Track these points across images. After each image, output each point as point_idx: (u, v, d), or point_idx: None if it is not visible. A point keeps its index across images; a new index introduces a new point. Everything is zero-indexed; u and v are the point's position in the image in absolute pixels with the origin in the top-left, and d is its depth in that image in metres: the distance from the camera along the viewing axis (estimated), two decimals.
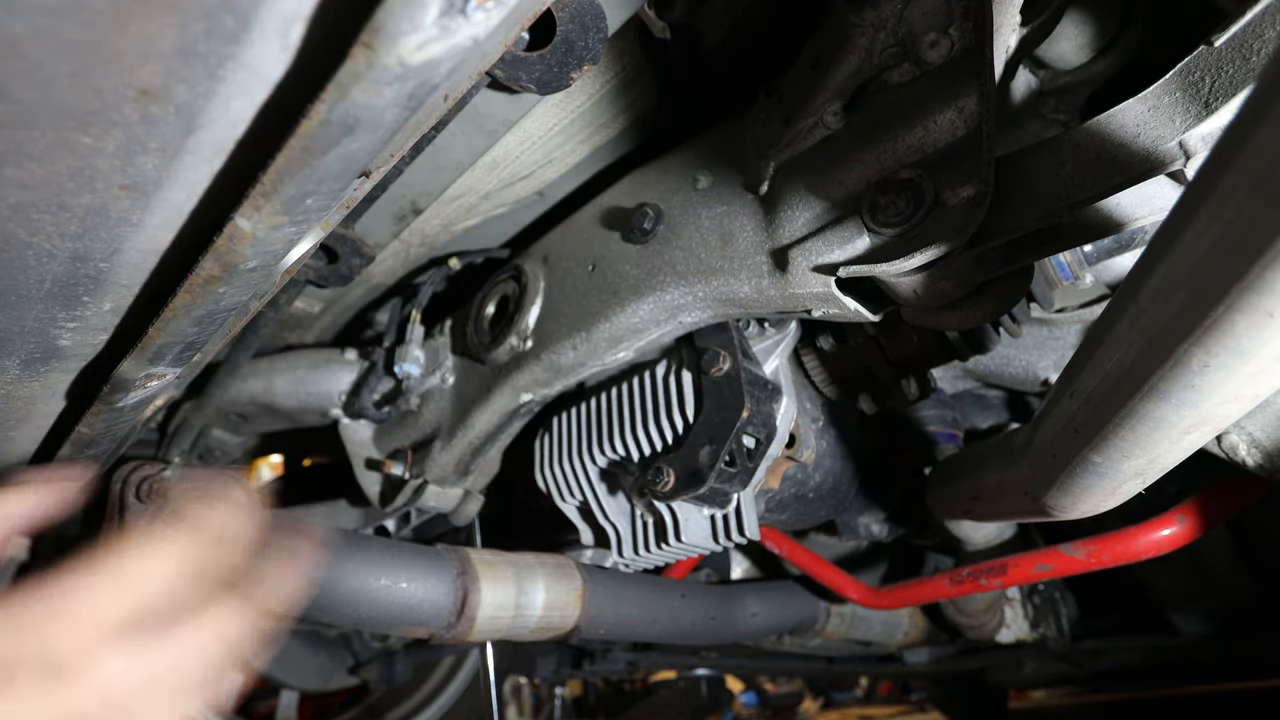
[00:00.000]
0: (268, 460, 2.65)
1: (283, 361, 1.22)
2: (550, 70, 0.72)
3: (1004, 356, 1.05)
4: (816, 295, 0.72)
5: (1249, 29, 0.52)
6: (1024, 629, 1.62)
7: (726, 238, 0.80)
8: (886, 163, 0.68)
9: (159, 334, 0.52)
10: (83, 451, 0.74)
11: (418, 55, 0.31)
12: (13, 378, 0.59)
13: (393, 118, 0.36)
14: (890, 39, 0.67)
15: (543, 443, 1.06)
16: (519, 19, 0.47)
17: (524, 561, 0.94)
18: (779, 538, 1.19)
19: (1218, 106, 0.53)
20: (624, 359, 0.92)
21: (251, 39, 0.33)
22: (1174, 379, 0.43)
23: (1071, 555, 0.97)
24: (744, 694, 5.01)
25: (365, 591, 0.80)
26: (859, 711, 5.22)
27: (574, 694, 4.47)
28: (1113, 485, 0.57)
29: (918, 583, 1.18)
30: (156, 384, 0.63)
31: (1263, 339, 0.37)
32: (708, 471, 0.81)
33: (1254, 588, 1.42)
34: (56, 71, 0.32)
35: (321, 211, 0.44)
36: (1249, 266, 0.35)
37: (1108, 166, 0.57)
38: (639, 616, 1.03)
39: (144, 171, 0.40)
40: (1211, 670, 2.19)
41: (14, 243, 0.43)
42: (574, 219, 1.00)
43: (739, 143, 0.83)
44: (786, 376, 0.94)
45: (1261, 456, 0.67)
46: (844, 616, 1.41)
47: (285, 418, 1.27)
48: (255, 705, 2.12)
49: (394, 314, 1.19)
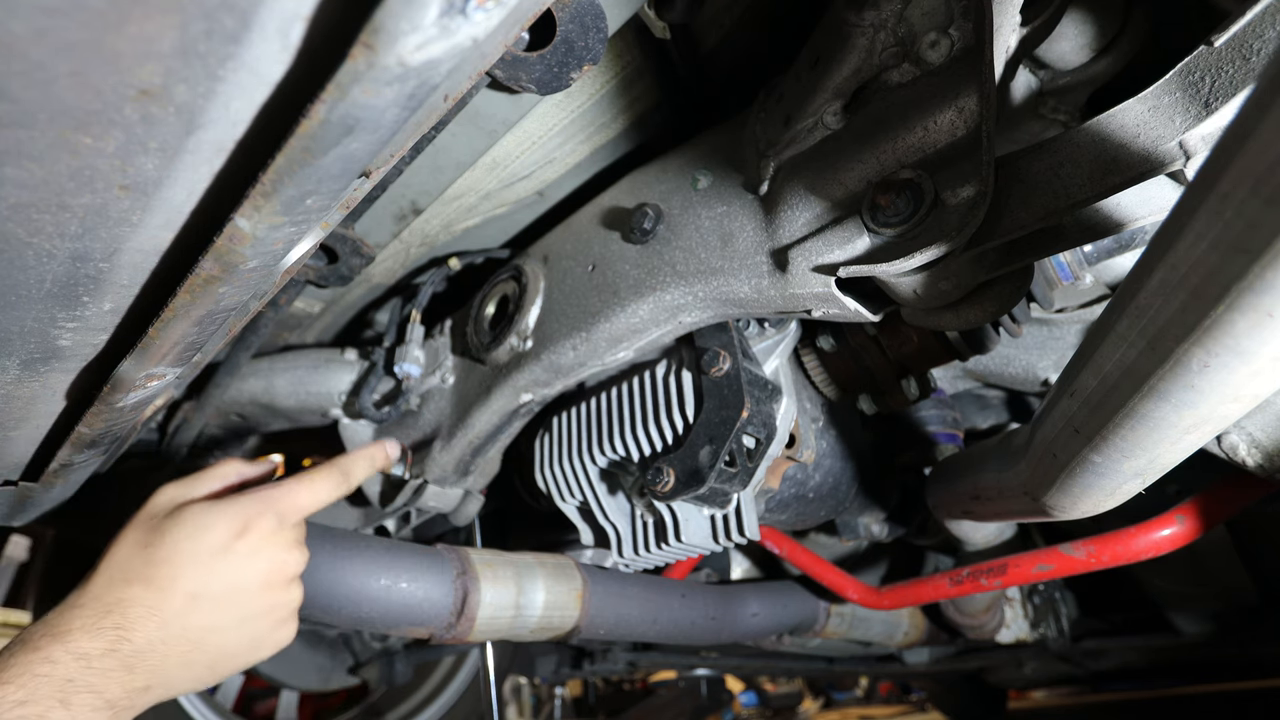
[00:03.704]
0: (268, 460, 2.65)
1: (283, 361, 1.22)
2: (550, 70, 0.72)
3: (1004, 356, 1.05)
4: (816, 295, 0.72)
5: (1249, 29, 0.52)
6: (1024, 629, 1.62)
7: (726, 238, 0.80)
8: (886, 163, 0.68)
9: (159, 334, 0.52)
10: (83, 451, 0.74)
11: (418, 55, 0.31)
12: (13, 378, 0.59)
13: (393, 118, 0.36)
14: (890, 39, 0.67)
15: (543, 443, 1.06)
16: (519, 19, 0.47)
17: (524, 561, 0.94)
18: (779, 538, 1.19)
19: (1218, 106, 0.53)
20: (624, 359, 0.92)
21: (251, 39, 0.33)
22: (1174, 379, 0.43)
23: (1071, 555, 0.97)
24: (744, 694, 5.02)
25: (365, 591, 0.80)
26: (859, 711, 5.23)
27: (574, 694, 4.47)
28: (1113, 485, 0.57)
29: (918, 583, 1.18)
30: (156, 384, 0.63)
31: (1263, 339, 0.37)
32: (708, 471, 0.81)
33: (1254, 588, 1.43)
34: (56, 71, 0.32)
35: (321, 211, 0.44)
36: (1249, 266, 0.35)
37: (1108, 166, 0.57)
38: (639, 616, 1.03)
39: (144, 171, 0.40)
40: (1211, 670, 2.19)
41: (14, 243, 0.43)
42: (574, 219, 1.00)
43: (739, 143, 0.83)
44: (786, 376, 0.94)
45: (1261, 456, 0.67)
46: (844, 616, 1.41)
47: (285, 418, 1.27)
48: (255, 705, 2.12)
49: (394, 314, 1.19)
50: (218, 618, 0.58)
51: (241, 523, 0.60)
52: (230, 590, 0.58)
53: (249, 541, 0.59)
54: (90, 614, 0.53)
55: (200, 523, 0.59)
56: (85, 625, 0.52)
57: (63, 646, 0.51)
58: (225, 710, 1.68)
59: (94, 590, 0.55)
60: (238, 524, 0.59)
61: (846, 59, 0.69)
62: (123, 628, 0.53)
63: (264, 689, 2.01)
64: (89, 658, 0.51)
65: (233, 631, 0.59)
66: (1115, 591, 1.67)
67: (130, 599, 0.55)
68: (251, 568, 0.59)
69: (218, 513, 0.59)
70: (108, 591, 0.55)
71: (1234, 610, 1.50)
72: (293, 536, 0.64)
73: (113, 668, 0.52)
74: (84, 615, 0.53)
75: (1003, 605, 1.54)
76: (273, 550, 0.61)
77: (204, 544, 0.58)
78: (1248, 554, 1.39)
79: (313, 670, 1.85)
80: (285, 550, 0.62)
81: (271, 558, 0.61)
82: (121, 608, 0.54)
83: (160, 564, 0.56)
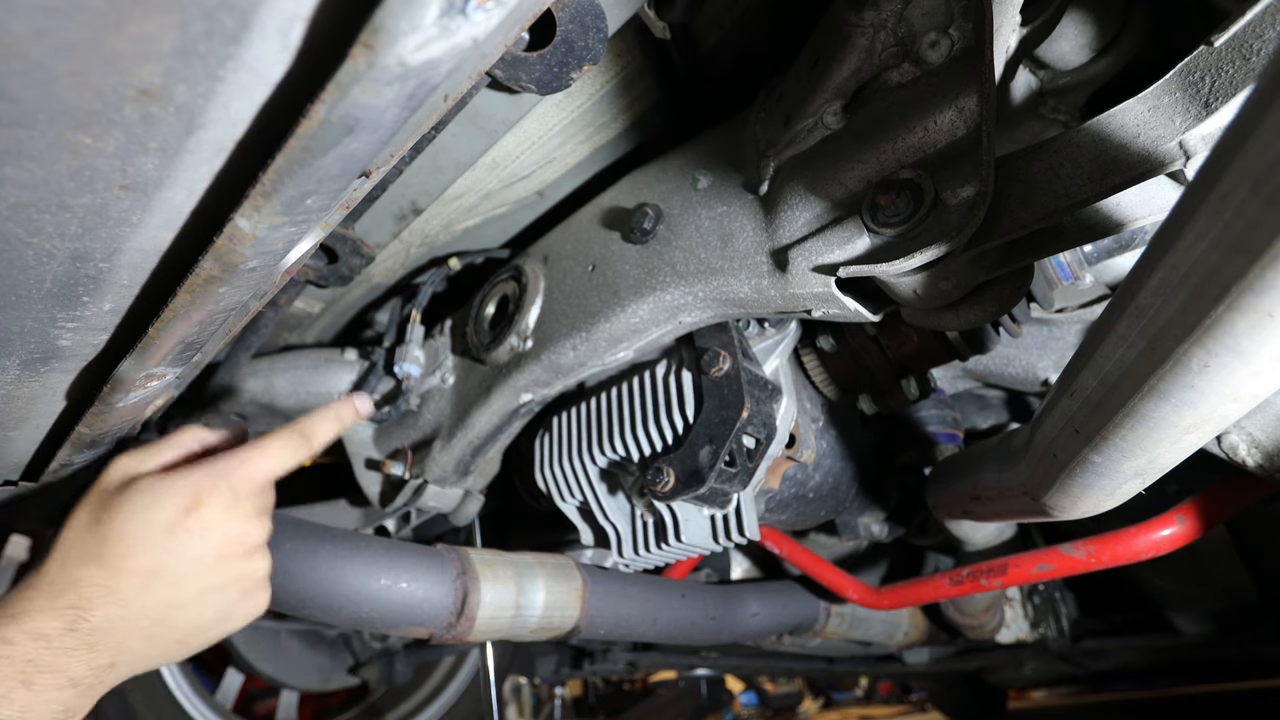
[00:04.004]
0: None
1: (283, 361, 1.22)
2: (550, 70, 0.72)
3: (1004, 356, 1.05)
4: (816, 295, 0.72)
5: (1249, 29, 0.52)
6: (1024, 629, 1.62)
7: (726, 238, 0.80)
8: (886, 163, 0.68)
9: (159, 334, 0.52)
10: (83, 451, 0.74)
11: (418, 55, 0.31)
12: (13, 378, 0.59)
13: (393, 118, 0.36)
14: (890, 39, 0.67)
15: (543, 443, 1.06)
16: (519, 19, 0.47)
17: (524, 561, 0.94)
18: (779, 538, 1.19)
19: (1218, 106, 0.53)
20: (624, 359, 0.92)
21: (251, 39, 0.33)
22: (1174, 379, 0.43)
23: (1071, 555, 0.97)
24: (744, 694, 5.02)
25: (365, 591, 0.80)
26: (859, 711, 5.23)
27: (574, 694, 4.47)
28: (1113, 485, 0.57)
29: (918, 583, 1.18)
30: (156, 384, 0.63)
31: (1263, 339, 0.37)
32: (708, 471, 0.81)
33: (1254, 588, 1.43)
34: (56, 71, 0.32)
35: (321, 211, 0.44)
36: (1249, 266, 0.35)
37: (1108, 166, 0.57)
38: (639, 616, 1.03)
39: (144, 171, 0.40)
40: (1211, 670, 2.19)
41: (14, 243, 0.43)
42: (574, 219, 1.00)
43: (739, 143, 0.83)
44: (786, 376, 0.94)
45: (1261, 456, 0.67)
46: (844, 616, 1.41)
47: (285, 418, 1.27)
48: (255, 705, 2.12)
49: (394, 314, 1.19)
50: (177, 594, 0.56)
51: (191, 496, 0.57)
52: (186, 567, 0.56)
53: (201, 517, 0.57)
54: (46, 595, 0.53)
55: (149, 498, 0.57)
56: (42, 606, 0.52)
57: (18, 627, 0.50)
58: (225, 710, 1.68)
59: (49, 572, 0.55)
60: (187, 498, 0.57)
61: (846, 59, 0.69)
62: (79, 607, 0.53)
63: (264, 689, 2.01)
64: (48, 638, 0.51)
65: (195, 606, 0.58)
66: (1115, 591, 1.67)
67: (85, 579, 0.54)
68: (204, 544, 0.57)
69: (165, 486, 0.57)
70: (62, 572, 0.54)
71: (1234, 610, 1.50)
72: (250, 508, 0.61)
73: (74, 646, 0.52)
74: (40, 597, 0.53)
75: (1003, 605, 1.54)
76: (228, 524, 0.59)
77: (154, 521, 0.56)
78: (1248, 554, 1.39)
79: (313, 670, 1.85)
80: (243, 522, 0.60)
81: (227, 531, 0.58)
82: (77, 588, 0.53)
83: (111, 542, 0.55)
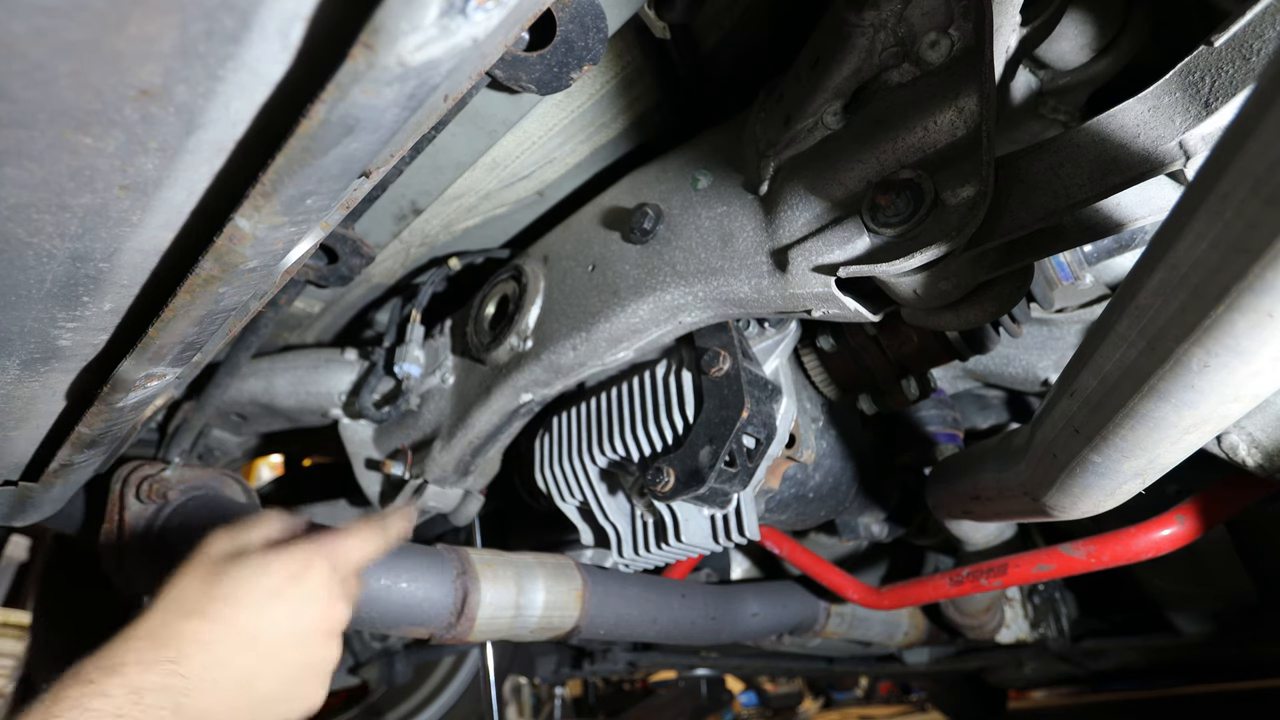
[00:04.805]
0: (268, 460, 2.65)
1: (283, 361, 1.22)
2: (550, 70, 0.72)
3: (1004, 356, 1.05)
4: (816, 295, 0.72)
5: (1249, 29, 0.52)
6: (1024, 629, 1.62)
7: (726, 238, 0.80)
8: (886, 163, 0.68)
9: (159, 334, 0.52)
10: (83, 451, 0.74)
11: (418, 55, 0.31)
12: (13, 378, 0.59)
13: (393, 118, 0.36)
14: (890, 39, 0.67)
15: (543, 443, 1.06)
16: (519, 19, 0.47)
17: (524, 561, 0.94)
18: (779, 538, 1.19)
19: (1218, 106, 0.53)
20: (624, 359, 0.92)
21: (251, 39, 0.33)
22: (1174, 379, 0.43)
23: (1071, 555, 0.97)
24: (744, 694, 5.01)
25: (365, 591, 0.80)
26: (859, 711, 5.23)
27: (574, 694, 4.47)
28: (1113, 485, 0.57)
29: (918, 583, 1.18)
30: (156, 384, 0.63)
31: (1263, 339, 0.37)
32: (708, 471, 0.81)
33: (1254, 588, 1.43)
34: (56, 71, 0.32)
35: (321, 211, 0.44)
36: (1249, 266, 0.35)
37: (1108, 166, 0.57)
38: (639, 616, 1.03)
39: (144, 171, 0.40)
40: (1211, 670, 2.19)
41: (14, 243, 0.43)
42: (574, 219, 1.00)
43: (739, 143, 0.83)
44: (786, 376, 0.94)
45: (1261, 456, 0.67)
46: (844, 616, 1.41)
47: (285, 418, 1.27)
48: None
49: (394, 314, 1.19)
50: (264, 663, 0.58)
51: (301, 564, 0.61)
52: (281, 635, 0.59)
53: (305, 584, 0.61)
54: (146, 646, 0.53)
55: (260, 566, 0.60)
56: (140, 658, 0.52)
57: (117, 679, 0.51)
58: None
59: (151, 624, 0.55)
60: (297, 566, 0.61)
61: (846, 59, 0.69)
62: (176, 661, 0.53)
63: None
64: (140, 692, 0.51)
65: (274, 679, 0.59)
66: (1115, 591, 1.66)
67: (188, 632, 0.55)
68: (300, 614, 0.60)
69: (275, 555, 0.61)
70: (164, 625, 0.55)
71: (1234, 610, 1.50)
72: (343, 588, 0.64)
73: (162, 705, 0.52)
74: (139, 648, 0.53)
75: (1003, 605, 1.54)
76: (324, 598, 0.62)
77: (264, 584, 0.59)
78: (1248, 554, 1.39)
79: None
80: (336, 600, 0.63)
81: (322, 605, 0.62)
82: (178, 641, 0.54)
83: (221, 600, 0.57)
